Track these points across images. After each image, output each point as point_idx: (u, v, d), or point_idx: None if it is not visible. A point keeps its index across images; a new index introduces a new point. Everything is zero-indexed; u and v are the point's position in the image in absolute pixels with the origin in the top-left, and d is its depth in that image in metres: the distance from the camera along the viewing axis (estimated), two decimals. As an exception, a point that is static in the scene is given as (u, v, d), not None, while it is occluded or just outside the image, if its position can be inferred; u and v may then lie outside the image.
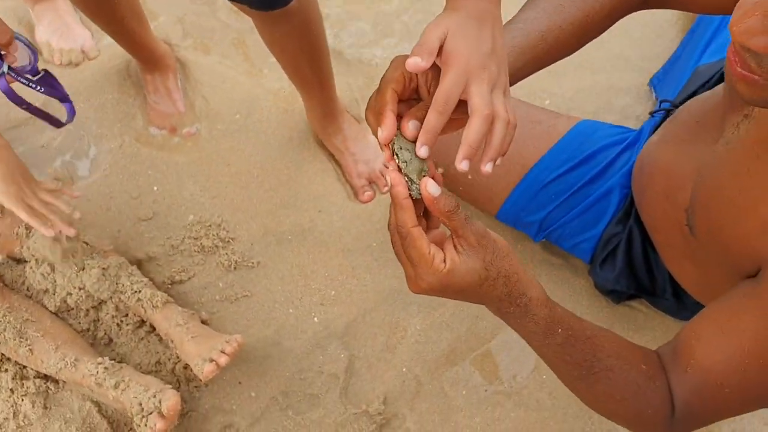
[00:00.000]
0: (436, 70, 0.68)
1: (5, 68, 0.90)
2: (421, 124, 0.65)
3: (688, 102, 1.08)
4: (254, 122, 1.51)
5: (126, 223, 1.40)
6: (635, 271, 1.22)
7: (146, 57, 1.48)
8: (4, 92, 0.91)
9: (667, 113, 1.19)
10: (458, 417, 1.26)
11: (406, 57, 0.66)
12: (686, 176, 0.96)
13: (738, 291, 0.79)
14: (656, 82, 1.54)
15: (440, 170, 0.67)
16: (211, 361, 1.15)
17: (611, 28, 0.94)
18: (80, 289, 1.23)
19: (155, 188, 1.44)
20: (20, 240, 1.27)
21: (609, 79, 1.58)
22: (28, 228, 1.26)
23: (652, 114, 1.23)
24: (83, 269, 1.23)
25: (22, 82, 0.93)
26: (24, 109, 0.95)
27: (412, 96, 0.70)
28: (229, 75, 1.56)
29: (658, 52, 1.61)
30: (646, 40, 1.62)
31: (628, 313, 1.34)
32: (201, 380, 1.25)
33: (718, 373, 0.75)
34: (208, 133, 1.50)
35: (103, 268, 1.24)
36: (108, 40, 1.55)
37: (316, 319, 1.34)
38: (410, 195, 0.66)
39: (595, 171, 1.21)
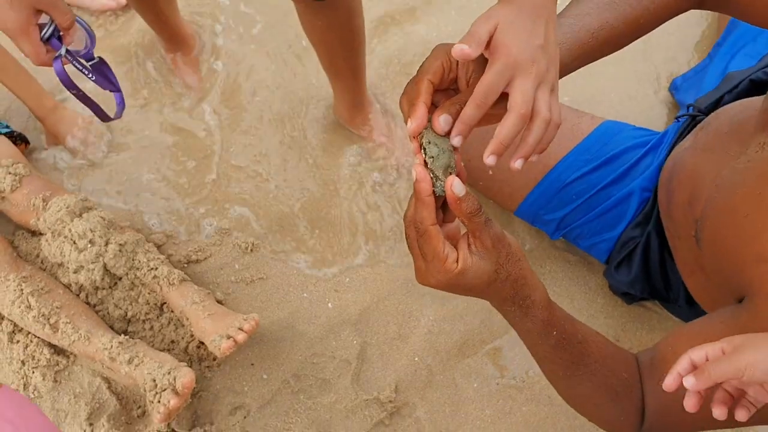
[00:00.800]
0: (478, 63, 0.66)
1: (63, 50, 0.89)
2: (453, 119, 0.64)
3: (720, 110, 1.08)
4: (276, 107, 1.51)
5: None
6: (651, 276, 1.22)
7: (172, 36, 1.48)
8: (57, 74, 0.90)
9: (692, 118, 1.20)
10: (469, 408, 1.27)
11: (448, 46, 0.64)
12: (704, 186, 0.96)
13: (719, 315, 0.80)
14: (677, 87, 1.55)
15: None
16: (229, 337, 1.14)
17: None
18: (96, 264, 1.21)
19: (174, 167, 1.44)
20: (36, 212, 1.26)
21: (629, 80, 1.60)
22: (45, 200, 1.25)
23: (677, 118, 1.24)
24: (99, 244, 1.22)
25: (76, 67, 0.92)
26: (73, 94, 0.93)
27: (450, 86, 0.68)
28: (255, 60, 1.56)
29: (680, 55, 1.62)
30: (669, 43, 1.64)
31: (642, 313, 1.35)
32: (217, 357, 1.24)
33: None
34: (229, 117, 1.50)
35: (120, 244, 1.23)
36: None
37: (330, 304, 1.34)
38: (433, 191, 0.65)
39: (617, 173, 1.22)
